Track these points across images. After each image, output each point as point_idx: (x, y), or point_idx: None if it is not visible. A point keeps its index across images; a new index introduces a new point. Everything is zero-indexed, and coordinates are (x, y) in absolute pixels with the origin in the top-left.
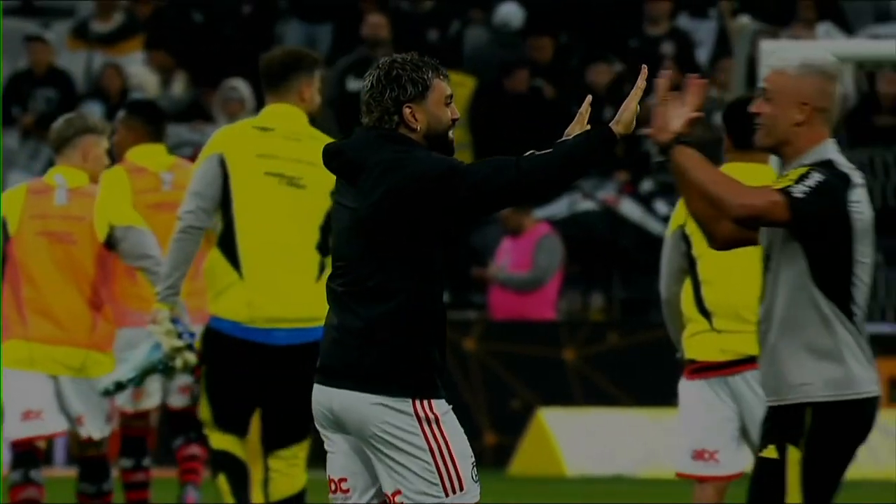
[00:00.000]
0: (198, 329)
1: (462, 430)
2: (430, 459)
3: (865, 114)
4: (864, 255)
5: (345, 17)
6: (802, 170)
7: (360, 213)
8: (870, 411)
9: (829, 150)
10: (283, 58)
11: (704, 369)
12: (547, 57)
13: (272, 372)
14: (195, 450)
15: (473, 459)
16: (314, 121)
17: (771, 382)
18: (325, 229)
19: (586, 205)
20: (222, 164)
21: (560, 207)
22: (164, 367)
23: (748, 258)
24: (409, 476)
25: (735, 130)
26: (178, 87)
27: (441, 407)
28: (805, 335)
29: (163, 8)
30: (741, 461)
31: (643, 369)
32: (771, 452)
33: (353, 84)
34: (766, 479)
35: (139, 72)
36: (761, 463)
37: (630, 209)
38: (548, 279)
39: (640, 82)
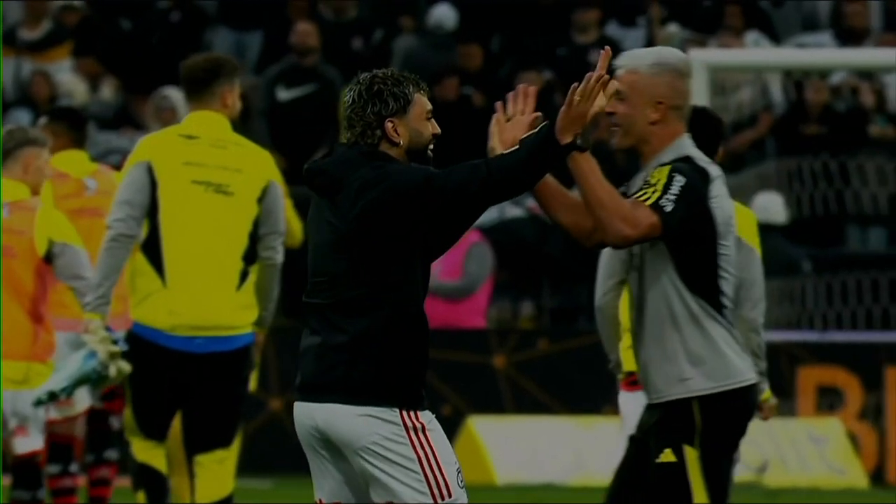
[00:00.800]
0: (119, 335)
1: (446, 437)
2: (419, 468)
3: (793, 122)
4: (728, 248)
5: (274, 25)
6: (665, 171)
7: (341, 229)
8: (751, 398)
9: (686, 145)
10: (205, 64)
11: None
12: (476, 65)
13: (193, 379)
14: (105, 472)
15: (458, 465)
16: (246, 130)
17: (652, 381)
18: (254, 237)
19: (515, 212)
20: (150, 172)
21: (490, 215)
22: (98, 376)
23: None
24: (398, 487)
25: None
26: (107, 93)
27: (426, 416)
28: (679, 332)
29: (91, 15)
30: None
31: (573, 376)
32: (668, 456)
33: (282, 93)
34: (668, 483)
35: (68, 79)
36: (660, 468)
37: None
38: (478, 287)
39: (603, 64)
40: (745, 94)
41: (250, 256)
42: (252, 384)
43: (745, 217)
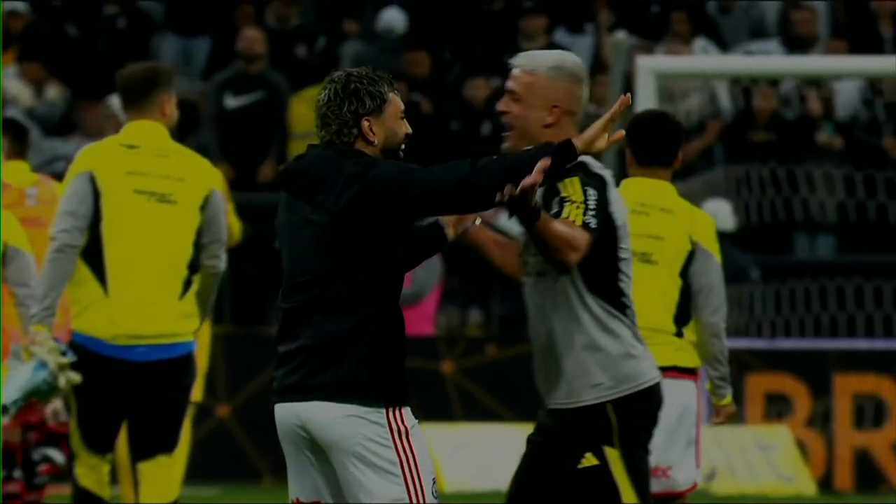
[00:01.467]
0: (65, 346)
1: (426, 445)
2: (400, 473)
3: (741, 129)
4: (626, 252)
5: (221, 32)
6: (577, 185)
7: (325, 225)
8: (658, 394)
9: None
10: (143, 74)
11: None
12: (424, 72)
13: (135, 387)
14: (15, 487)
15: (434, 475)
16: (194, 138)
17: (561, 387)
18: (198, 246)
19: None
20: (93, 181)
21: None
22: (48, 387)
23: (660, 271)
24: (377, 491)
25: (637, 146)
26: (52, 96)
27: (410, 419)
28: (584, 336)
29: (36, 21)
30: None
31: (522, 383)
32: (591, 460)
33: (230, 101)
34: (594, 487)
35: (12, 85)
36: (583, 473)
37: (508, 223)
38: (427, 294)
39: (617, 110)
40: (693, 101)
41: (194, 265)
42: (197, 394)
43: (703, 222)
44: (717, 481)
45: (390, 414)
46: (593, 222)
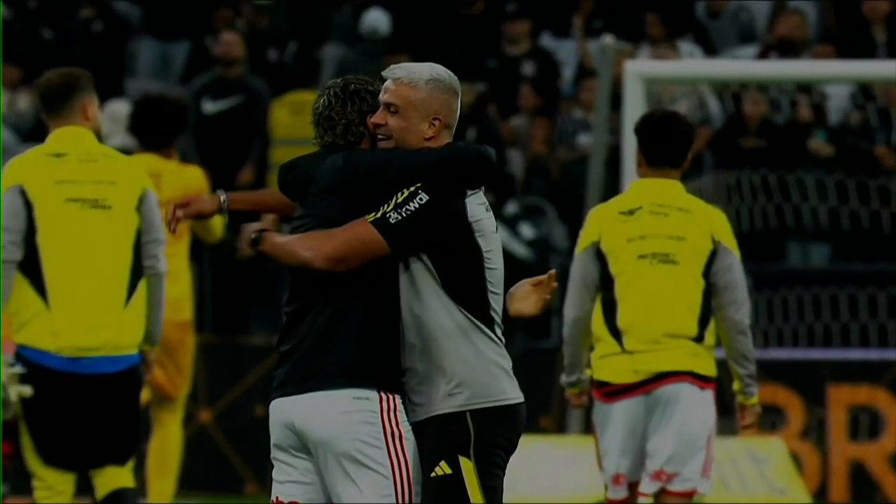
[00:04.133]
0: (11, 358)
1: (418, 454)
2: (390, 475)
3: (731, 135)
4: (493, 262)
5: (200, 35)
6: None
7: (315, 220)
8: (519, 415)
9: None
10: (59, 80)
11: (619, 392)
12: None
13: (81, 399)
14: None
15: (419, 487)
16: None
17: (425, 394)
18: (138, 248)
19: None
20: (23, 195)
21: None
22: None
23: (681, 271)
24: (366, 492)
25: (647, 147)
26: (24, 105)
27: (404, 423)
28: (449, 344)
29: (10, 23)
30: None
31: None
32: (444, 468)
33: (208, 106)
34: (443, 496)
35: None
36: (436, 482)
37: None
38: None
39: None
40: (681, 106)
41: (137, 269)
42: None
43: (721, 220)
44: (710, 494)
45: (383, 402)
46: (393, 217)
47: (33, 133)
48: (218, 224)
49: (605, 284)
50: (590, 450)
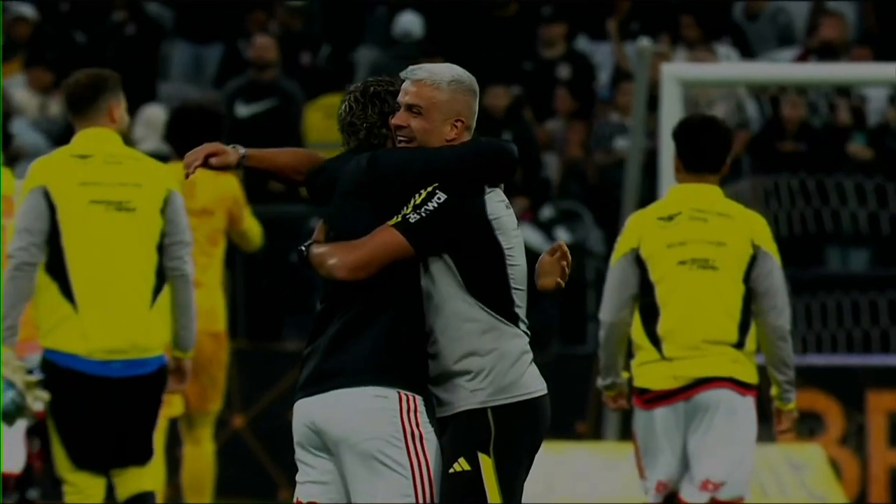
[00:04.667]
0: (33, 363)
1: (439, 457)
2: (409, 476)
3: (769, 139)
4: (515, 259)
5: (234, 38)
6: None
7: (352, 217)
8: (542, 409)
9: None
10: (87, 81)
11: (659, 398)
12: None
13: (112, 403)
14: None
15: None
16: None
17: (451, 392)
18: (162, 251)
19: None
20: (47, 196)
21: None
22: (16, 408)
23: (721, 276)
24: (385, 492)
25: (686, 152)
26: (55, 110)
27: (425, 424)
28: (469, 341)
29: (43, 27)
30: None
31: None
32: (462, 465)
33: (242, 109)
34: (462, 493)
35: (18, 94)
36: (453, 478)
37: (530, 236)
38: None
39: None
40: (719, 110)
41: (162, 271)
42: (178, 408)
43: (761, 225)
44: (747, 500)
45: (403, 401)
46: (413, 217)
47: (64, 137)
48: (256, 233)
49: (644, 291)
50: (627, 456)
